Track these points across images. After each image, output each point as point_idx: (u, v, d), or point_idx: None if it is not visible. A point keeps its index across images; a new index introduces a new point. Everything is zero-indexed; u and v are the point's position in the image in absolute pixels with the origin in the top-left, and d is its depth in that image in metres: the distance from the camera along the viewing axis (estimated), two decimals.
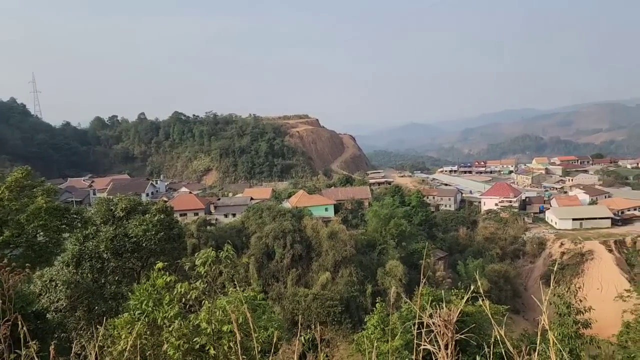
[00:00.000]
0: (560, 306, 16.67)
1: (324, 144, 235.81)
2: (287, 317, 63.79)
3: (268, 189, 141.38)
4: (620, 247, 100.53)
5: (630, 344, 24.14)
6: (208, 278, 9.60)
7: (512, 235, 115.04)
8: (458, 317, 4.16)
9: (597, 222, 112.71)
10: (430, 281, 70.20)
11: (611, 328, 33.10)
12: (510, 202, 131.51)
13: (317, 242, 76.44)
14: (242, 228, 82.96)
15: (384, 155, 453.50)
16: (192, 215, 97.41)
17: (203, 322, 9.20)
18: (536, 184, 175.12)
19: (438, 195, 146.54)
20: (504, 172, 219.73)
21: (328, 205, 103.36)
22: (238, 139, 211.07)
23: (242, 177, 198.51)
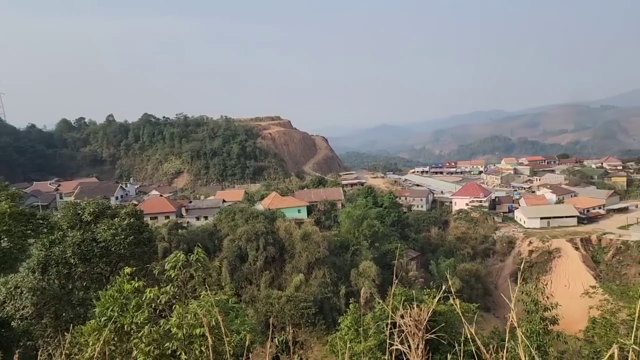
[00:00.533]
0: (529, 303, 17.01)
1: (296, 145, 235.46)
2: (260, 320, 63.46)
3: (240, 191, 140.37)
4: (586, 244, 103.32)
5: (596, 339, 24.75)
6: (178, 282, 9.43)
7: (482, 234, 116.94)
8: (430, 316, 4.18)
9: (564, 221, 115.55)
10: (403, 281, 70.80)
11: (578, 324, 33.91)
12: (481, 202, 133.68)
13: (291, 244, 76.29)
14: (215, 231, 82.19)
15: (357, 157, 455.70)
16: (163, 218, 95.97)
17: (174, 327, 9.04)
18: (505, 184, 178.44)
19: (410, 195, 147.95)
20: (474, 173, 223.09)
21: (301, 207, 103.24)
22: (209, 141, 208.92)
23: (214, 179, 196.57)
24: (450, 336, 20.93)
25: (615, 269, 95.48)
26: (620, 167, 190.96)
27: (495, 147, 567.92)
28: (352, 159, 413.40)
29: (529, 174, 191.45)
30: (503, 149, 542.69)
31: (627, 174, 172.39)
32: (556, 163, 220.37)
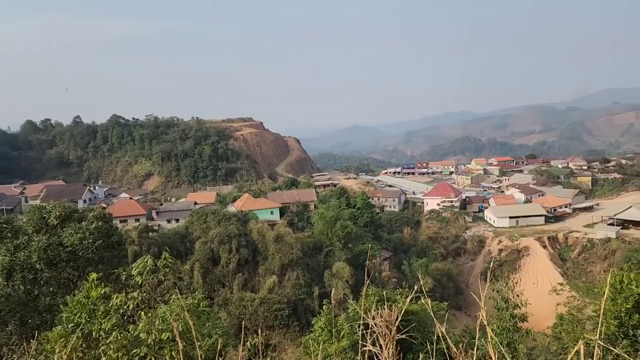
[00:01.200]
0: (499, 301, 17.31)
1: (268, 147, 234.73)
2: (233, 323, 62.90)
3: (212, 193, 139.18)
4: (554, 243, 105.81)
5: (563, 335, 25.32)
6: (147, 287, 9.24)
7: (453, 234, 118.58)
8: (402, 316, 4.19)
9: (532, 220, 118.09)
10: (376, 281, 71.16)
11: (546, 320, 34.64)
12: (452, 202, 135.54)
13: (264, 246, 75.93)
14: (186, 233, 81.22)
15: (329, 158, 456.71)
16: (133, 221, 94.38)
17: (142, 332, 8.85)
18: (475, 184, 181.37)
19: (383, 196, 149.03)
20: (445, 173, 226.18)
21: (274, 209, 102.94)
22: (180, 143, 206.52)
23: (185, 181, 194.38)
24: (423, 335, 21.12)
25: (581, 266, 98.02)
26: (585, 167, 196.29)
27: (465, 148, 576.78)
28: (325, 160, 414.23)
29: (498, 174, 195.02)
30: (473, 149, 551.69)
31: (591, 174, 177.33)
32: (524, 163, 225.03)
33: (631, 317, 15.96)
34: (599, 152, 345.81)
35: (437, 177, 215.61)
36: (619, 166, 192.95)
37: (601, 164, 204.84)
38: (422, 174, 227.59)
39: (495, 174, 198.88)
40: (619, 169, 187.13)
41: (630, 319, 15.91)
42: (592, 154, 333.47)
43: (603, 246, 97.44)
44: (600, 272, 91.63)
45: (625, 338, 15.78)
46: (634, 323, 15.84)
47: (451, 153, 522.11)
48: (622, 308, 15.88)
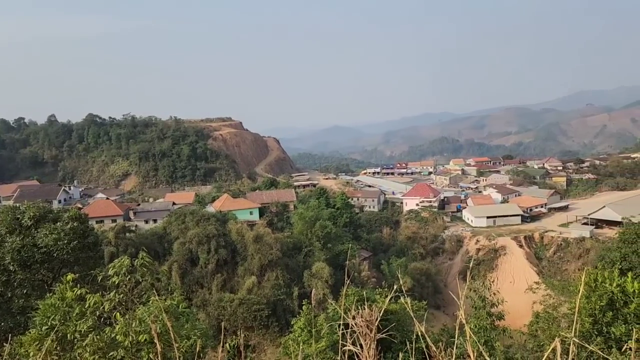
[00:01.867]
0: (476, 300, 17.52)
1: (248, 147, 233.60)
2: (212, 324, 62.41)
3: (191, 194, 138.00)
4: (530, 242, 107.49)
5: (539, 332, 25.69)
6: (124, 288, 9.09)
7: (432, 233, 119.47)
8: (382, 315, 4.20)
9: (509, 220, 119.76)
10: (355, 281, 71.40)
11: (523, 318, 35.13)
12: (430, 202, 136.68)
13: (243, 246, 75.57)
14: (164, 234, 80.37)
15: (309, 158, 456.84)
16: (110, 222, 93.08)
17: (119, 334, 8.71)
18: (454, 184, 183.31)
19: (362, 196, 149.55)
20: (424, 173, 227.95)
21: (253, 209, 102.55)
22: (158, 142, 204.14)
23: (163, 181, 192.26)
24: (402, 334, 21.24)
25: (557, 265, 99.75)
26: (561, 168, 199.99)
27: (444, 149, 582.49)
28: (305, 160, 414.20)
29: (476, 175, 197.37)
30: (451, 150, 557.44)
31: (566, 174, 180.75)
32: (501, 164, 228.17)
33: (605, 314, 16.29)
34: (574, 153, 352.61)
35: (416, 177, 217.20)
36: (592, 167, 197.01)
37: (576, 164, 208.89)
38: (401, 174, 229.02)
39: (473, 174, 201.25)
40: (593, 169, 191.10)
41: (604, 317, 16.24)
42: (566, 154, 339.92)
43: (577, 245, 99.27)
44: (574, 271, 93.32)
45: (599, 335, 16.12)
46: (608, 320, 16.18)
47: (430, 153, 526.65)
48: (596, 306, 16.21)
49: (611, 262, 31.99)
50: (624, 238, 33.27)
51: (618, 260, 31.64)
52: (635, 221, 35.71)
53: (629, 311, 16.35)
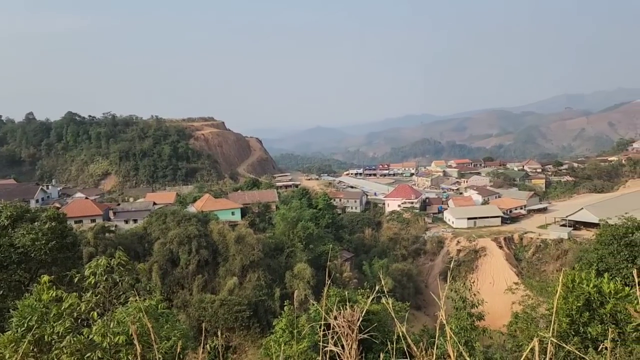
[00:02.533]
0: (457, 301, 17.69)
1: (230, 147, 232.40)
2: (193, 325, 61.97)
3: (172, 194, 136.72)
4: (509, 243, 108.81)
5: (518, 333, 26.02)
6: (101, 289, 8.95)
7: (414, 234, 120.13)
8: (363, 316, 4.21)
9: (489, 221, 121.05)
10: (337, 282, 71.44)
11: (502, 319, 35.55)
12: (412, 203, 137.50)
13: (224, 247, 75.16)
14: (145, 234, 79.51)
15: (291, 159, 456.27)
16: (89, 222, 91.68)
17: (97, 335, 8.58)
18: (435, 186, 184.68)
19: (344, 197, 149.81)
20: (405, 175, 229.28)
21: (235, 209, 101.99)
22: (139, 142, 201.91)
23: (144, 181, 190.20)
24: (383, 335, 21.34)
25: (535, 266, 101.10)
26: (540, 170, 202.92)
27: (425, 150, 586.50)
28: (287, 160, 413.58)
29: (457, 176, 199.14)
30: (433, 151, 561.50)
31: (545, 177, 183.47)
32: (482, 166, 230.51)
33: (582, 314, 16.57)
34: (553, 156, 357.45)
35: (398, 178, 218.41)
36: (571, 169, 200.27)
37: (554, 167, 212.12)
38: (384, 176, 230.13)
39: (454, 175, 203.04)
40: (571, 172, 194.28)
41: (581, 317, 16.52)
42: (546, 157, 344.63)
43: (556, 246, 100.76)
44: (553, 272, 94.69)
45: (576, 335, 16.38)
46: (585, 320, 16.45)
47: (412, 155, 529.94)
48: (574, 306, 16.48)
49: (588, 263, 32.55)
50: (601, 240, 33.87)
51: (595, 261, 32.20)
52: (612, 223, 36.34)
53: (605, 311, 16.66)
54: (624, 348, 15.40)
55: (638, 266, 29.78)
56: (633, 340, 15.86)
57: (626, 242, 31.77)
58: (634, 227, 33.20)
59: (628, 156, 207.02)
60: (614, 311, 16.55)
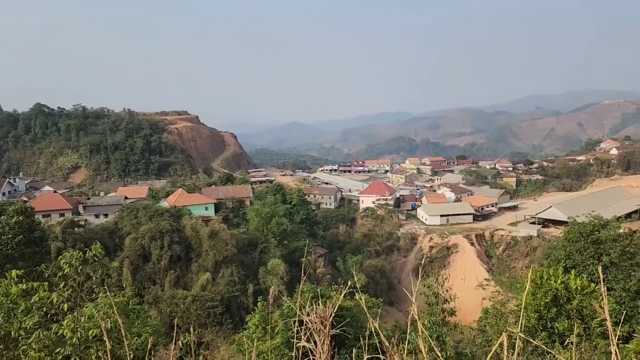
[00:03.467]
0: (430, 296, 17.94)
1: (204, 141, 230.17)
2: (164, 321, 61.39)
3: (144, 188, 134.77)
4: (481, 240, 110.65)
5: (488, 328, 26.52)
6: (72, 283, 8.76)
7: (387, 231, 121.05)
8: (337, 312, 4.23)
9: (461, 218, 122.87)
10: (311, 278, 71.57)
11: (473, 314, 36.15)
12: (386, 200, 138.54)
13: (197, 242, 74.52)
14: (115, 229, 78.22)
15: (266, 154, 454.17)
16: (58, 216, 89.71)
17: (67, 331, 8.41)
18: (409, 183, 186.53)
19: (319, 193, 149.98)
20: (380, 172, 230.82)
21: (208, 204, 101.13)
22: (111, 135, 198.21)
23: (115, 175, 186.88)
24: (356, 330, 21.48)
25: (505, 262, 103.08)
26: (511, 169, 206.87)
27: (400, 148, 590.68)
28: (262, 156, 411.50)
29: (430, 174, 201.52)
30: (408, 149, 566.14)
31: (516, 175, 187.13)
32: (455, 163, 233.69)
33: (549, 310, 16.99)
34: (523, 155, 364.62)
35: (372, 175, 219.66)
36: (541, 168, 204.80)
37: (525, 165, 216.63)
38: (358, 172, 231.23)
39: (428, 173, 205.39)
40: (541, 170, 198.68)
41: (549, 312, 16.93)
42: (517, 156, 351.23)
43: (525, 243, 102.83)
44: (522, 268, 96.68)
45: (544, 330, 16.79)
46: (552, 316, 16.87)
47: (387, 152, 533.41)
48: (542, 302, 16.87)
49: (556, 260, 33.32)
50: (569, 237, 34.71)
51: (563, 258, 32.98)
52: (580, 221, 37.29)
53: (571, 307, 17.11)
54: (589, 342, 15.87)
55: (604, 263, 30.66)
56: (597, 335, 16.35)
57: (593, 240, 32.65)
58: (600, 225, 34.13)
59: (596, 156, 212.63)
60: (580, 307, 17.02)
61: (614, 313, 18.02)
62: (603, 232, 33.21)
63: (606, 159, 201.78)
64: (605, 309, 3.82)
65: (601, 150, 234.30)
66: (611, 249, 31.36)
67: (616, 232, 33.93)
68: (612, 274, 30.27)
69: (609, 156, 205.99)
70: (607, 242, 32.24)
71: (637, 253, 31.18)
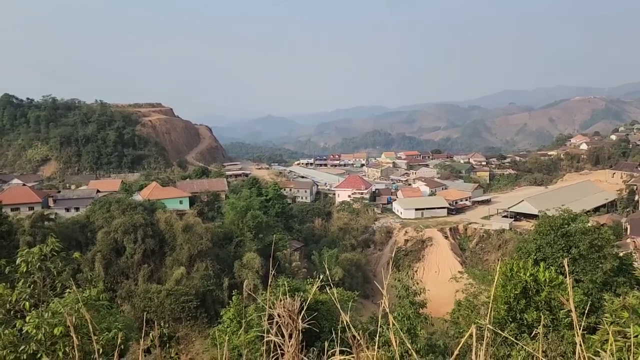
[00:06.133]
0: (400, 289, 18.11)
1: (178, 134, 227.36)
2: (138, 316, 60.67)
3: (117, 181, 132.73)
4: (454, 233, 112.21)
5: (461, 320, 26.94)
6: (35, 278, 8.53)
7: (363, 225, 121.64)
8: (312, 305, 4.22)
9: (436, 212, 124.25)
10: (286, 272, 71.65)
11: (446, 306, 36.69)
12: (362, 193, 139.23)
13: (171, 236, 73.76)
14: (87, 223, 76.83)
15: (242, 147, 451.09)
16: (27, 209, 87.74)
17: (31, 327, 8.20)
18: (385, 177, 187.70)
19: (295, 187, 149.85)
20: (356, 165, 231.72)
21: (183, 198, 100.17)
22: (82, 127, 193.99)
23: (87, 168, 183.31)
24: (331, 324, 21.57)
25: (478, 255, 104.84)
26: (484, 163, 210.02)
27: (376, 142, 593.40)
28: (237, 149, 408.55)
29: (406, 168, 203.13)
30: (383, 143, 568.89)
31: (489, 169, 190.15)
32: (430, 158, 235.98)
33: (519, 302, 17.33)
34: (497, 149, 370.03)
35: (348, 169, 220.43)
36: (513, 162, 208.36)
37: (498, 160, 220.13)
38: (334, 166, 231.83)
39: (403, 167, 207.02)
40: (514, 165, 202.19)
41: (518, 304, 17.27)
42: (490, 150, 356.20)
43: (498, 237, 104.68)
44: (494, 261, 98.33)
45: (513, 321, 17.12)
46: (521, 307, 17.22)
47: (363, 146, 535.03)
48: (511, 294, 17.20)
49: (527, 252, 33.96)
50: (539, 230, 35.39)
51: (533, 251, 33.63)
52: (550, 214, 38.07)
53: (540, 299, 17.48)
54: (556, 333, 16.26)
55: (572, 255, 31.39)
56: (565, 325, 16.76)
57: (562, 233, 33.37)
58: (570, 218, 34.89)
59: (566, 151, 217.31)
60: (548, 298, 17.40)
61: (581, 304, 18.50)
62: (572, 226, 33.96)
63: (576, 154, 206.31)
64: (570, 301, 3.88)
65: (571, 146, 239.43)
66: (580, 242, 32.10)
67: (585, 225, 34.74)
68: (581, 266, 31.02)
69: (579, 151, 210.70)
70: (576, 235, 32.98)
71: (604, 246, 31.99)
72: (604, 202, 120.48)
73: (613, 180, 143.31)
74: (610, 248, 32.67)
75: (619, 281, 30.18)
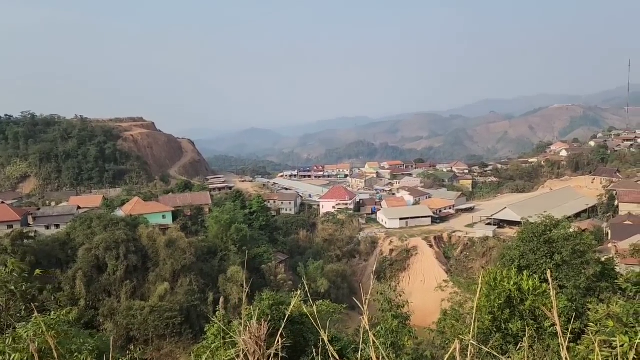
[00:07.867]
0: (383, 303, 17.89)
1: (161, 148, 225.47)
2: (121, 334, 59.61)
3: (98, 197, 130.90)
4: (439, 242, 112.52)
5: (447, 329, 26.76)
6: None
7: (348, 235, 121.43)
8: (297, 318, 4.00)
9: (420, 221, 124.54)
10: (271, 284, 71.09)
11: (432, 315, 36.54)
12: (346, 204, 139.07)
13: (154, 252, 72.82)
14: (68, 240, 75.52)
15: (225, 160, 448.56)
16: (5, 228, 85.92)
17: None
18: (369, 187, 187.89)
19: (279, 199, 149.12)
20: (340, 176, 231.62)
21: (166, 212, 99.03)
22: (62, 143, 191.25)
23: (67, 184, 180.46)
24: (317, 337, 21.25)
25: (463, 263, 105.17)
26: (467, 171, 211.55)
27: (359, 152, 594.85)
28: (221, 162, 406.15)
29: (389, 178, 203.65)
30: (367, 153, 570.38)
31: (472, 177, 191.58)
32: (413, 167, 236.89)
33: (503, 312, 17.23)
34: (479, 158, 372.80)
35: (332, 180, 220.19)
36: (495, 170, 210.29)
37: (480, 168, 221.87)
38: (318, 177, 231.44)
39: (387, 177, 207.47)
40: (496, 172, 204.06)
41: (503, 314, 17.16)
42: (472, 159, 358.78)
43: (482, 244, 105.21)
44: (479, 268, 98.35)
45: (498, 332, 16.99)
46: (506, 317, 17.11)
47: (346, 156, 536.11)
48: (496, 304, 17.09)
49: (511, 259, 34.01)
50: (522, 237, 35.51)
51: (517, 257, 33.69)
52: (532, 221, 38.28)
53: (524, 308, 17.40)
54: (542, 343, 16.16)
55: (556, 262, 31.51)
56: (550, 334, 16.68)
57: (545, 239, 33.50)
58: (552, 224, 35.08)
59: (547, 158, 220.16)
60: (532, 307, 17.33)
61: (565, 310, 18.48)
62: (555, 232, 34.14)
63: (556, 160, 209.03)
64: (554, 313, 3.74)
65: (552, 152, 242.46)
66: (563, 248, 32.24)
67: (567, 231, 34.95)
68: (564, 272, 31.13)
69: (559, 158, 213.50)
70: (559, 241, 33.13)
71: (586, 251, 32.18)
72: (585, 208, 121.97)
73: (593, 186, 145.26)
74: (593, 253, 32.90)
75: (602, 286, 30.31)
